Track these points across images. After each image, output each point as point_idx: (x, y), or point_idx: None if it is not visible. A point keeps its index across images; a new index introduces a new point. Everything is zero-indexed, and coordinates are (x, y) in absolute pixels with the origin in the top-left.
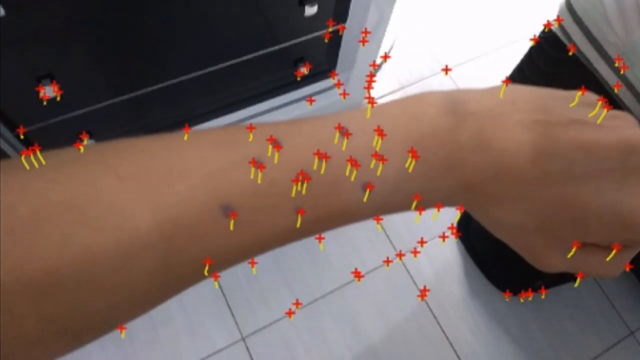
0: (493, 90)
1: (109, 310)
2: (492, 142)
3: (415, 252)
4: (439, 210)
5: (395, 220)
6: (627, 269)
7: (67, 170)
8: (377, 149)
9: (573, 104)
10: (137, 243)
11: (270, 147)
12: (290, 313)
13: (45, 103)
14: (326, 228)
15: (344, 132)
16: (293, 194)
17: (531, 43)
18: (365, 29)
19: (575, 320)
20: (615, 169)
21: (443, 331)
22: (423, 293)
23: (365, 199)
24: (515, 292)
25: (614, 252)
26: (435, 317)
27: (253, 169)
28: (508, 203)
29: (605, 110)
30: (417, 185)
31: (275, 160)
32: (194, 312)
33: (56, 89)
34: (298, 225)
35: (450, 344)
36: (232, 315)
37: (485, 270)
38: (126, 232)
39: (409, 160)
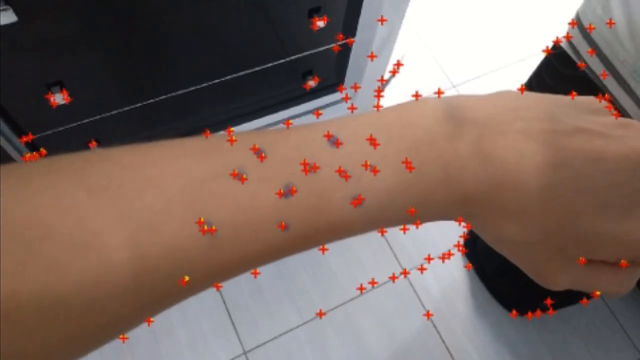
0: (494, 97)
1: (77, 333)
2: (492, 152)
3: (421, 269)
4: (417, 227)
5: (401, 236)
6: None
7: (35, 183)
8: (369, 159)
9: (579, 112)
10: (106, 261)
11: (253, 157)
12: (293, 328)
13: (54, 110)
14: (314, 244)
15: (334, 141)
16: (277, 208)
17: (540, 59)
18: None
19: (583, 342)
20: (623, 181)
21: (448, 350)
22: (428, 314)
23: (355, 213)
24: (523, 311)
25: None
26: (440, 335)
27: (234, 182)
28: (509, 216)
29: (613, 118)
30: (412, 198)
31: (259, 172)
32: (196, 324)
33: (66, 96)
34: (283, 241)
35: None
36: (235, 328)
37: (492, 288)
38: (94, 249)
39: (404, 171)
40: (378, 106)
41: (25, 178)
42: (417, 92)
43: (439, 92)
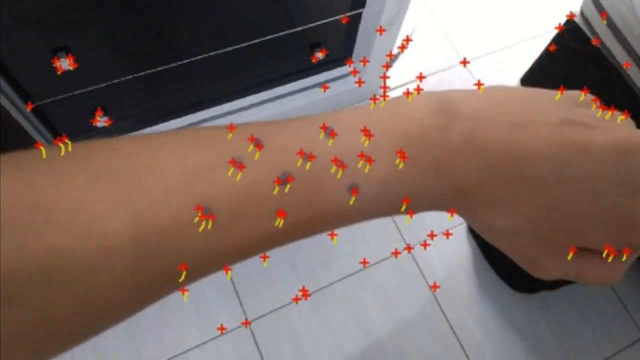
0: (485, 91)
1: (77, 317)
2: (482, 143)
3: (425, 245)
4: (411, 217)
5: None
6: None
7: (36, 169)
8: (364, 149)
9: (567, 105)
10: (106, 246)
11: (251, 146)
12: (296, 299)
13: (60, 76)
14: (311, 232)
15: (330, 132)
16: (275, 196)
17: (553, 35)
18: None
19: (585, 320)
20: (610, 171)
21: (450, 325)
22: (435, 287)
23: (351, 202)
24: (525, 288)
25: (611, 257)
26: (442, 310)
27: (232, 169)
28: (500, 207)
29: (600, 111)
30: (405, 188)
31: (257, 161)
32: (200, 294)
33: (71, 61)
34: (280, 229)
35: (457, 338)
36: (239, 298)
37: (495, 265)
38: (95, 234)
39: (397, 161)
40: (385, 83)
41: (26, 164)
42: (407, 89)
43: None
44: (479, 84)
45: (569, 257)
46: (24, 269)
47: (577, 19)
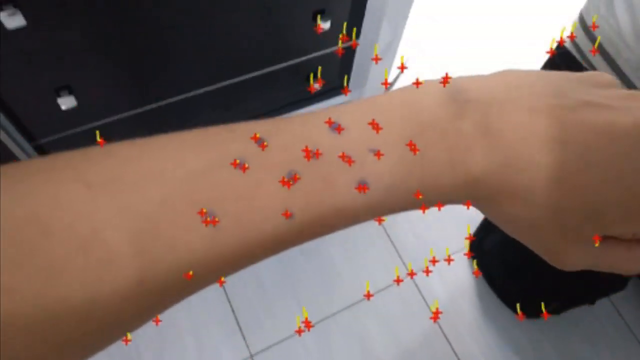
0: (497, 76)
1: (80, 333)
2: (497, 131)
3: (427, 271)
4: (439, 209)
5: (407, 239)
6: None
7: (33, 179)
8: (372, 143)
9: (585, 86)
10: (107, 258)
11: (254, 145)
12: (299, 331)
13: (62, 114)
14: (320, 233)
15: (336, 127)
16: (281, 196)
17: (544, 59)
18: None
19: (591, 344)
20: (634, 151)
21: (455, 352)
22: (435, 315)
23: (360, 198)
24: (529, 313)
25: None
26: (446, 337)
27: (235, 171)
28: (519, 197)
29: (619, 91)
30: (417, 182)
31: (260, 161)
32: (203, 327)
33: (74, 100)
34: (288, 230)
35: None
36: (241, 332)
37: (499, 290)
38: (95, 246)
39: (408, 154)
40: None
41: (22, 174)
42: (417, 78)
43: (446, 78)
44: (446, 78)
45: (594, 246)
46: (24, 288)
47: (567, 44)
